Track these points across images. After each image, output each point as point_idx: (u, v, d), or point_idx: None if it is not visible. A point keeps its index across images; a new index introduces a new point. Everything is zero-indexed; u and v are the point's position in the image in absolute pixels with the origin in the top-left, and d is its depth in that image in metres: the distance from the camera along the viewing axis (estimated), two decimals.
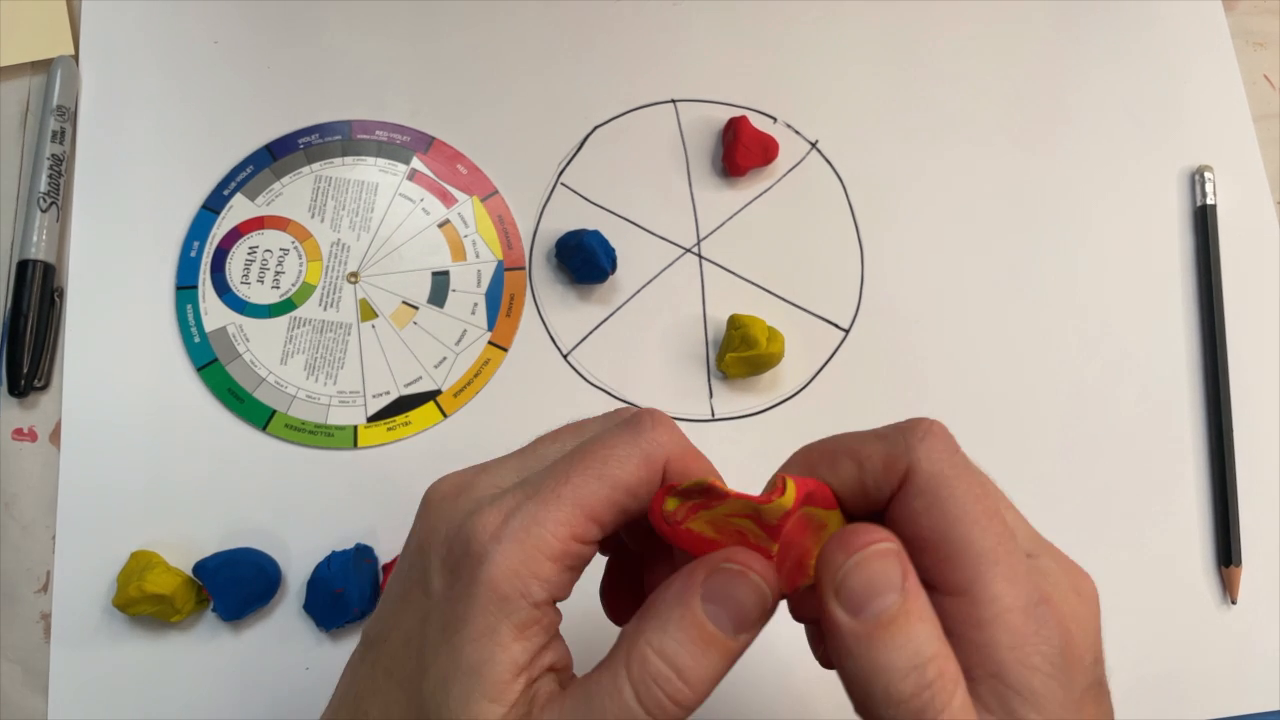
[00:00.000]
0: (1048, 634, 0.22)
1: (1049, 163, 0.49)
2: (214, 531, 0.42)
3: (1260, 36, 0.51)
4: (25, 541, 0.42)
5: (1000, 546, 0.22)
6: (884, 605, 0.21)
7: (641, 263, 0.47)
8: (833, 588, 0.21)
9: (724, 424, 0.45)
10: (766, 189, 0.48)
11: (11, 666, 0.41)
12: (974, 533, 0.22)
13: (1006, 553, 0.22)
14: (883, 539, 0.21)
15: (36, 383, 0.43)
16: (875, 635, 0.20)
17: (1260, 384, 0.46)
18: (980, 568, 0.22)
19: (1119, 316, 0.47)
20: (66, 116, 0.46)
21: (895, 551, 0.21)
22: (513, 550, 0.22)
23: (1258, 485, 0.45)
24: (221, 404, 0.44)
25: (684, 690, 0.22)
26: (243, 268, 0.46)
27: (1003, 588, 0.21)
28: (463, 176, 0.48)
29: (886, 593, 0.21)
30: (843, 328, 0.46)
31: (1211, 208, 0.48)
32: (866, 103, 0.49)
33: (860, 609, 0.21)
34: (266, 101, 0.48)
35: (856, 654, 0.21)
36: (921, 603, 0.21)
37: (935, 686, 0.20)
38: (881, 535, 0.21)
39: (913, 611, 0.21)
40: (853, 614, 0.21)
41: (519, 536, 0.22)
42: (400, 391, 0.44)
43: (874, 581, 0.21)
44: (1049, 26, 0.51)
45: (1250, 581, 0.43)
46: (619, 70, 0.49)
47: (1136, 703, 0.42)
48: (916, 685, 0.20)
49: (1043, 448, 0.45)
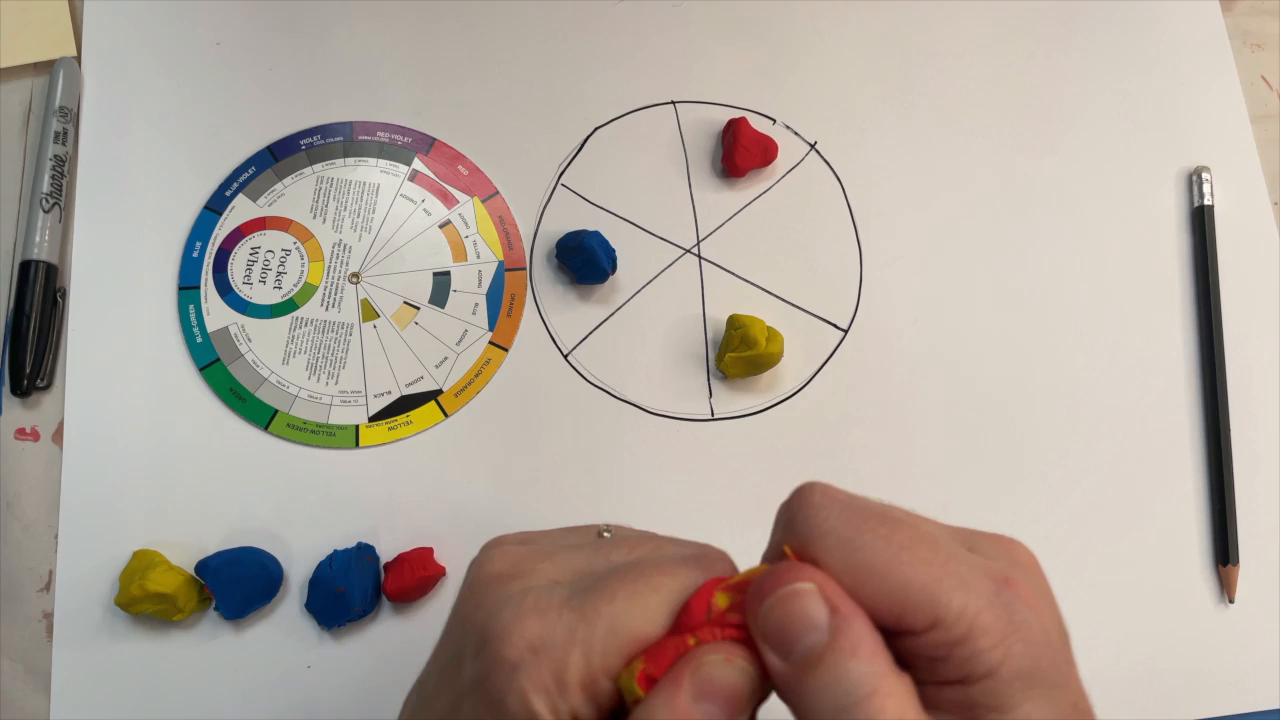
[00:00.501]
0: (1022, 616, 0.21)
1: (1047, 163, 0.49)
2: (216, 531, 0.42)
3: (1258, 38, 0.51)
4: (28, 541, 0.42)
5: (934, 566, 0.21)
6: (809, 645, 0.20)
7: (641, 263, 0.47)
8: (760, 632, 0.21)
9: (723, 424, 0.45)
10: (766, 190, 0.48)
11: (13, 665, 0.41)
12: (904, 573, 0.21)
13: (943, 568, 0.21)
14: (799, 579, 0.21)
15: (39, 383, 0.43)
16: (804, 676, 0.20)
17: (1257, 384, 0.46)
18: (931, 596, 0.21)
19: (1117, 317, 0.47)
20: (69, 117, 0.47)
21: (812, 591, 0.21)
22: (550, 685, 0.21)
23: (1255, 484, 0.45)
24: (223, 404, 0.44)
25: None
26: (245, 268, 0.46)
27: (959, 598, 0.21)
28: (464, 177, 0.48)
29: (809, 632, 0.20)
30: (841, 328, 0.46)
31: (1209, 208, 0.48)
32: (866, 103, 0.50)
33: (787, 651, 0.21)
34: (268, 102, 0.48)
35: (793, 696, 0.21)
36: (853, 638, 0.20)
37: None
38: (799, 575, 0.21)
39: (842, 648, 0.20)
40: (782, 657, 0.21)
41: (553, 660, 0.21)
42: (402, 391, 0.45)
43: (794, 622, 0.21)
44: (1048, 27, 0.51)
45: (1248, 581, 0.44)
46: (619, 71, 0.49)
47: (1134, 701, 0.42)
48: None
49: (1040, 448, 0.45)
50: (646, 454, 0.44)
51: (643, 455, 0.44)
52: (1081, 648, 0.23)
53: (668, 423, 0.45)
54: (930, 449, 0.45)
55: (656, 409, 0.45)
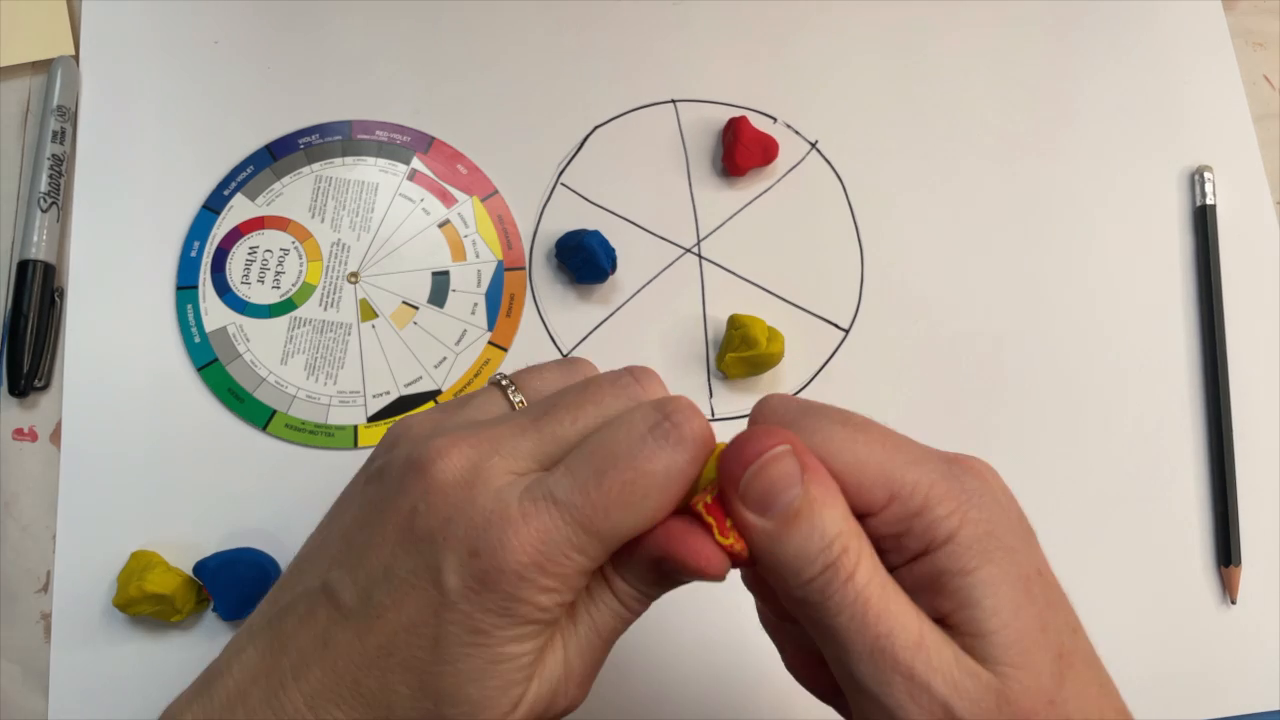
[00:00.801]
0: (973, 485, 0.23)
1: (1049, 162, 0.49)
2: (214, 531, 0.42)
3: (1260, 36, 0.51)
4: (25, 541, 0.42)
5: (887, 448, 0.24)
6: (788, 500, 0.22)
7: (641, 263, 0.47)
8: (739, 496, 0.23)
9: (724, 424, 0.45)
10: (766, 189, 0.48)
11: (11, 666, 0.41)
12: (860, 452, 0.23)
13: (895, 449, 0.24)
14: (775, 442, 0.23)
15: (37, 383, 0.43)
16: (784, 530, 0.22)
17: (1260, 384, 0.46)
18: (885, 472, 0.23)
19: (1119, 316, 0.47)
20: (67, 117, 0.46)
21: (787, 451, 0.23)
22: (552, 583, 0.23)
23: (1257, 485, 0.45)
24: (222, 404, 0.44)
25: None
26: (243, 268, 0.46)
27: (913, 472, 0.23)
28: (463, 176, 0.48)
29: (788, 489, 0.22)
30: (842, 328, 0.46)
31: (1211, 208, 0.48)
32: (866, 103, 0.49)
33: (767, 509, 0.22)
34: (267, 101, 0.48)
35: (771, 549, 0.22)
36: (822, 489, 0.23)
37: (841, 559, 0.22)
38: (773, 438, 0.23)
39: (815, 499, 0.22)
40: (761, 514, 0.22)
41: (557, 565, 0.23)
42: (400, 391, 0.44)
43: (775, 484, 0.22)
44: (1049, 26, 0.51)
45: (1250, 581, 0.43)
46: (619, 70, 0.49)
47: (1136, 702, 0.41)
48: (824, 562, 0.22)
49: (1042, 448, 0.45)
50: None
51: None
52: None
53: None
54: None
55: None
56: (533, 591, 0.23)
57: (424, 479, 0.24)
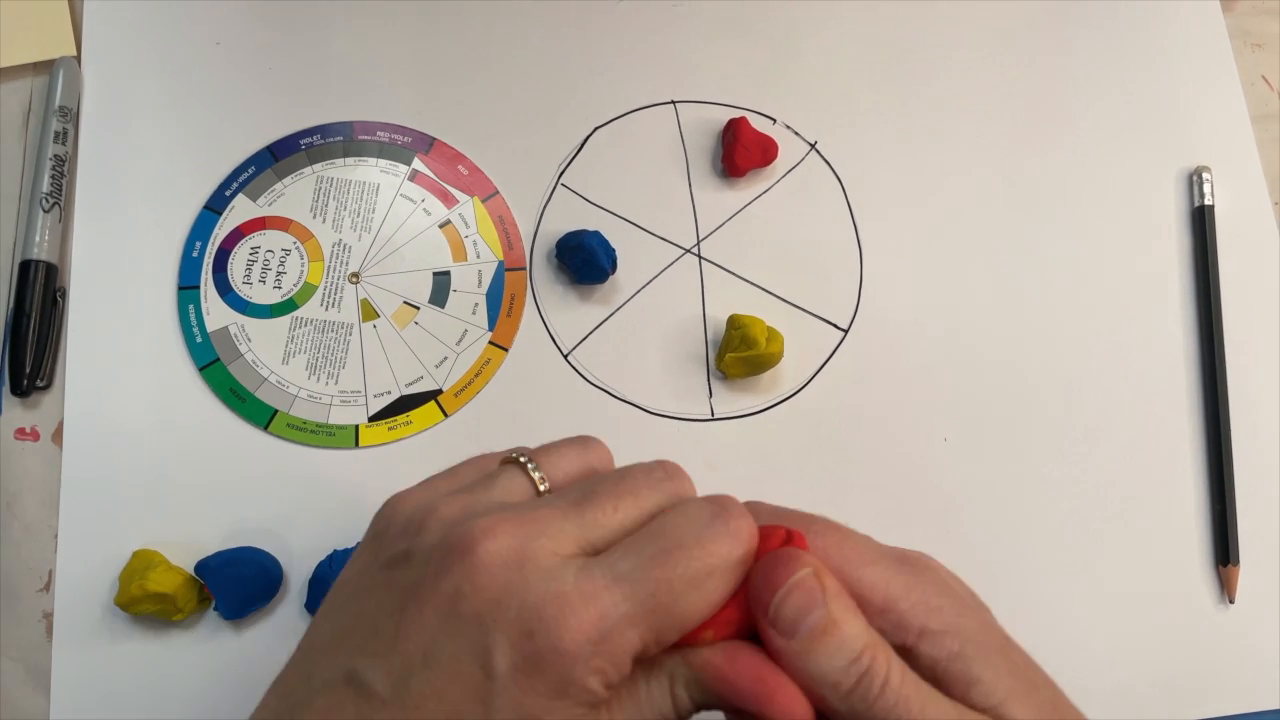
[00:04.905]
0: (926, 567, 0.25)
1: (1047, 163, 0.49)
2: (216, 531, 0.42)
3: (1258, 37, 0.51)
4: (27, 541, 0.42)
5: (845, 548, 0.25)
6: (813, 622, 0.23)
7: (641, 263, 0.47)
8: (768, 619, 0.24)
9: (723, 424, 0.45)
10: (766, 190, 0.48)
11: (13, 665, 0.41)
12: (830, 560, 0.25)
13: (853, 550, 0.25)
14: (801, 566, 0.24)
15: (39, 382, 0.43)
16: (811, 648, 0.23)
17: (1258, 384, 0.46)
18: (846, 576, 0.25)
19: (1117, 317, 0.47)
20: (69, 117, 0.47)
21: (812, 575, 0.24)
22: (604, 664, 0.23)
23: (1255, 484, 0.45)
24: (223, 404, 0.44)
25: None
26: (244, 268, 0.46)
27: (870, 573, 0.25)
28: (464, 177, 0.48)
29: (813, 610, 0.23)
30: (842, 328, 0.46)
31: (1209, 208, 0.48)
32: (866, 103, 0.49)
33: (794, 631, 0.23)
34: (268, 102, 0.48)
35: (803, 667, 0.23)
36: (842, 604, 0.24)
37: (872, 667, 0.23)
38: (799, 563, 0.24)
39: (838, 617, 0.23)
40: (789, 637, 0.23)
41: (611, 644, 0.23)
42: (401, 391, 0.45)
43: (801, 606, 0.23)
44: (1048, 27, 0.51)
45: (1248, 581, 0.44)
46: (619, 71, 0.49)
47: (1134, 702, 0.42)
48: (857, 672, 0.23)
49: (1041, 448, 0.45)
50: (646, 454, 0.44)
51: (643, 455, 0.44)
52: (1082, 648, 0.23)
53: (668, 423, 0.45)
54: (931, 449, 0.45)
55: (656, 409, 0.45)
56: (585, 672, 0.22)
57: (467, 561, 0.23)
